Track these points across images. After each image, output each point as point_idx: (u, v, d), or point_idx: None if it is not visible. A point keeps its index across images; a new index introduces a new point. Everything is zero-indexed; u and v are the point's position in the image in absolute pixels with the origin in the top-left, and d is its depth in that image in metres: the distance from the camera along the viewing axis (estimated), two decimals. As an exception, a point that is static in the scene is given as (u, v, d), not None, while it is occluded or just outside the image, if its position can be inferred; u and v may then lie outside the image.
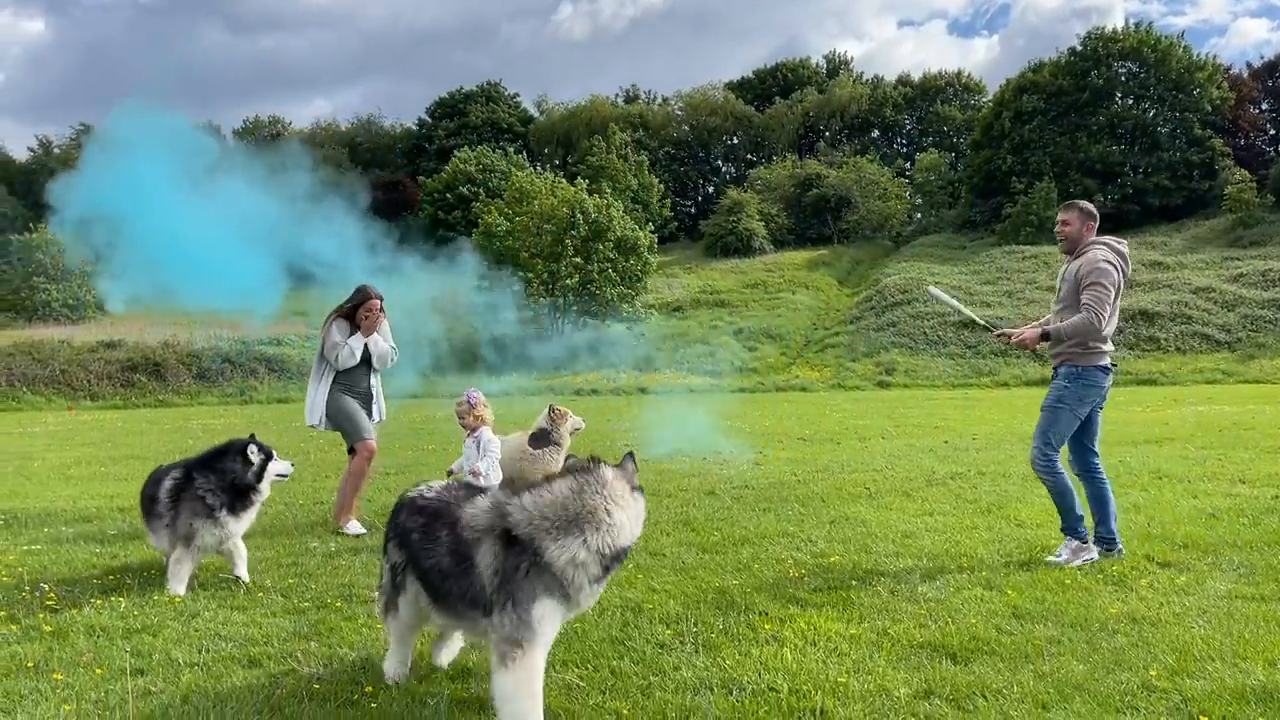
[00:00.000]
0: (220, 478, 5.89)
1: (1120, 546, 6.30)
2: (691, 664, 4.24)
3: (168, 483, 5.93)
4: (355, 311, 8.00)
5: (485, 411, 7.25)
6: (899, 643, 4.49)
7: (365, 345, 8.02)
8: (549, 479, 3.76)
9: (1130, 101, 58.16)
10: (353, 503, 7.89)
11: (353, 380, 8.07)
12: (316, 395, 7.99)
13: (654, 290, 47.91)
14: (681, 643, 4.53)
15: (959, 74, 77.15)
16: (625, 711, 3.71)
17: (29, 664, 4.33)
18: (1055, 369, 6.39)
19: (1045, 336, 6.29)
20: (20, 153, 76.88)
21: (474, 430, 7.13)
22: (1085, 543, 6.21)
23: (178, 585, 5.77)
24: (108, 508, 9.06)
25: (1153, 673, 3.98)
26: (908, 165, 73.51)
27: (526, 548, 3.52)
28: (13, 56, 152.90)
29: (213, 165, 9.29)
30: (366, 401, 8.16)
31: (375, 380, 8.29)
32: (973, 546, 6.64)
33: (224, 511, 5.88)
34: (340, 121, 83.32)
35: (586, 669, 4.20)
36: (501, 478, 7.15)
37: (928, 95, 76.01)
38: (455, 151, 64.76)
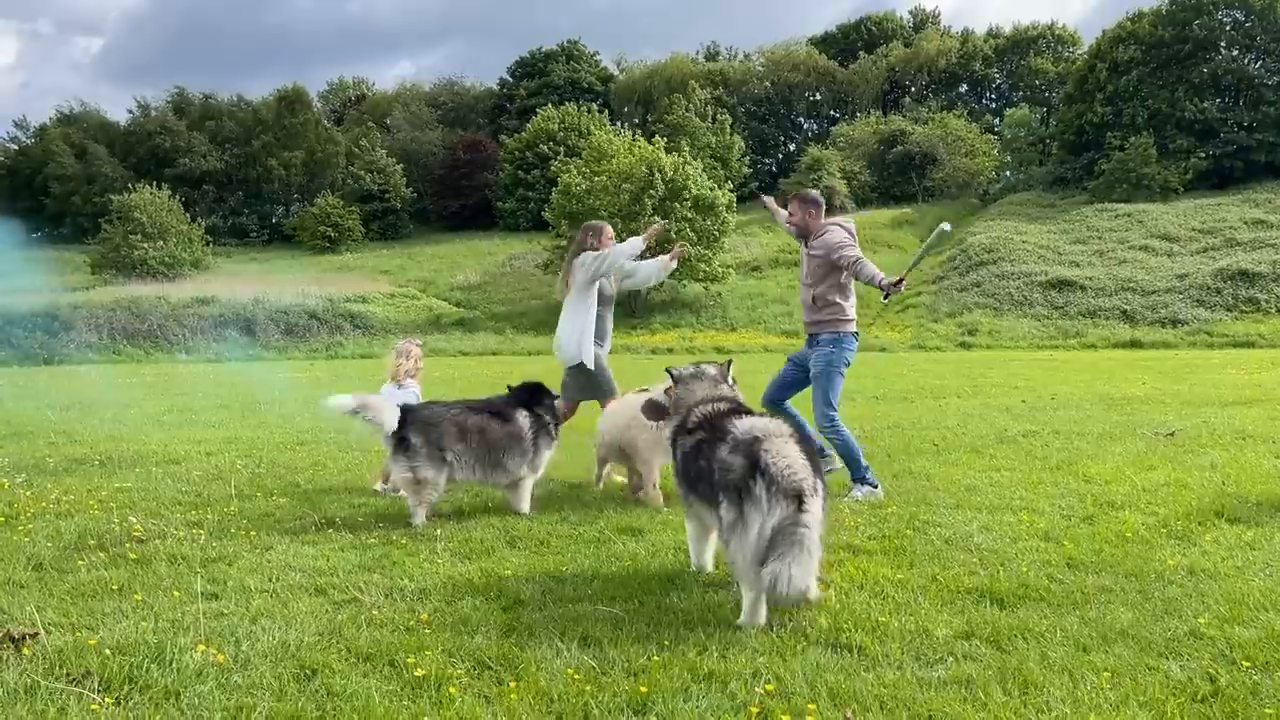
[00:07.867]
0: (552, 412, 6.80)
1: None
2: (736, 601, 4.30)
3: (526, 419, 6.55)
4: (598, 247, 7.75)
5: (403, 361, 7.68)
6: (946, 588, 4.49)
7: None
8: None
9: (1235, 53, 55.35)
10: None
11: (602, 325, 7.82)
12: (585, 336, 7.57)
13: (732, 250, 47.59)
14: (729, 582, 4.60)
15: (1052, 25, 74.29)
16: (667, 641, 3.81)
17: (114, 587, 4.62)
18: (815, 338, 7.00)
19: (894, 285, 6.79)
20: (120, 115, 79.54)
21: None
22: (875, 487, 6.82)
23: (528, 505, 6.51)
24: (195, 452, 9.49)
25: (1202, 621, 3.93)
26: (996, 121, 71.37)
27: None
28: (112, 22, 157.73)
29: None
30: (604, 343, 7.90)
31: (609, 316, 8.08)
32: (1035, 500, 6.57)
33: (557, 439, 6.84)
34: (424, 82, 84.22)
35: (634, 604, 4.31)
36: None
37: (1019, 48, 73.42)
38: (538, 109, 64.97)
